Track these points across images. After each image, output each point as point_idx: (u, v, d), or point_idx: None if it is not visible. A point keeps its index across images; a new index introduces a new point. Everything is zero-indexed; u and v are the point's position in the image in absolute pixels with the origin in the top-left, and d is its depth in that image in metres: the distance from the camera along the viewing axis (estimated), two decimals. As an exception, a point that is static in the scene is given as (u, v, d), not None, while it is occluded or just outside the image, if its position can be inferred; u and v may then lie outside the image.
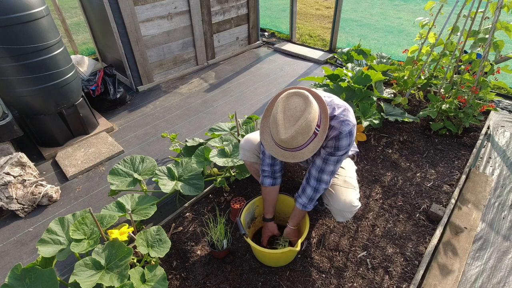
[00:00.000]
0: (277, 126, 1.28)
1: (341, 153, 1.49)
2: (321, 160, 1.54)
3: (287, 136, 1.26)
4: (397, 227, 2.02)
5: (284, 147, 1.33)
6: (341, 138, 1.44)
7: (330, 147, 1.49)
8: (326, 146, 1.51)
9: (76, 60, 3.63)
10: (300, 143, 1.30)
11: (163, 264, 1.84)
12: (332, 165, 1.53)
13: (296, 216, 1.72)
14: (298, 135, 1.26)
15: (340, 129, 1.42)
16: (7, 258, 1.97)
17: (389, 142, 2.74)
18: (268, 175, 1.73)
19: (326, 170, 1.55)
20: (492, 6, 2.48)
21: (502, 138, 2.76)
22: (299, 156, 1.35)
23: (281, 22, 5.79)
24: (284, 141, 1.27)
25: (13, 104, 2.52)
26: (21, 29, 2.19)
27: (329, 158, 1.51)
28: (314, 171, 1.58)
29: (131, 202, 1.93)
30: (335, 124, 1.44)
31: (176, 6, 3.56)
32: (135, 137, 2.97)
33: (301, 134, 1.26)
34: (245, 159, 1.88)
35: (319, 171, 1.56)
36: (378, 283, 1.72)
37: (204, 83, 3.87)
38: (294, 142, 1.28)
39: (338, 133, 1.43)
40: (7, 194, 2.13)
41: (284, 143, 1.29)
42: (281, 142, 1.30)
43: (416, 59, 3.05)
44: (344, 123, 1.42)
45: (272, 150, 1.41)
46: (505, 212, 2.12)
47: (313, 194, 1.61)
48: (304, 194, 1.64)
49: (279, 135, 1.27)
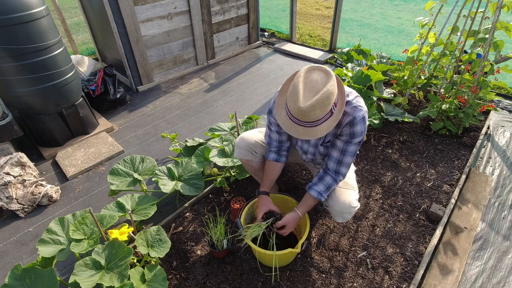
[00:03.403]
0: (297, 95, 1.25)
1: (357, 140, 1.48)
2: (339, 151, 1.53)
3: (306, 105, 1.23)
4: (397, 227, 2.02)
5: (300, 121, 1.30)
6: (355, 123, 1.44)
7: (345, 135, 1.49)
8: (341, 135, 1.51)
9: (76, 60, 3.63)
10: (317, 117, 1.27)
11: (163, 264, 1.84)
12: (350, 156, 1.53)
13: (307, 204, 1.63)
14: (317, 107, 1.24)
15: (354, 115, 1.43)
16: (7, 258, 1.97)
17: (389, 142, 2.74)
18: (274, 151, 1.75)
19: (344, 161, 1.54)
20: (492, 6, 2.48)
21: (502, 138, 2.76)
22: (313, 133, 1.32)
23: (281, 22, 5.79)
24: (302, 110, 1.25)
25: (13, 104, 2.52)
26: (21, 29, 2.19)
27: (347, 148, 1.51)
28: (332, 164, 1.57)
29: (131, 202, 1.93)
30: (349, 110, 1.44)
31: (176, 6, 3.56)
32: (135, 137, 2.97)
33: (319, 107, 1.25)
34: (241, 157, 1.88)
35: (337, 163, 1.55)
36: (378, 283, 1.72)
37: (204, 83, 3.87)
38: (311, 114, 1.26)
39: (352, 119, 1.44)
40: (7, 194, 2.13)
41: (301, 115, 1.26)
42: (298, 113, 1.27)
43: (416, 59, 3.05)
44: (357, 109, 1.44)
45: (286, 125, 1.37)
46: (505, 212, 2.12)
47: (331, 183, 1.58)
48: (321, 182, 1.60)
49: (298, 104, 1.24)
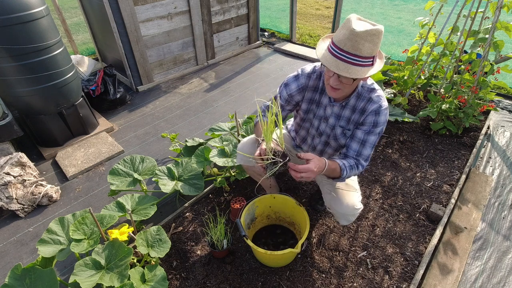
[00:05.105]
0: (350, 23, 1.23)
1: (378, 130, 1.47)
2: (358, 142, 1.50)
3: (360, 30, 1.20)
4: (397, 227, 2.02)
5: (345, 52, 1.25)
6: (380, 112, 1.44)
7: (368, 124, 1.47)
8: (363, 124, 1.49)
9: (76, 60, 3.63)
10: (365, 50, 1.24)
11: (163, 264, 1.84)
12: (370, 147, 1.50)
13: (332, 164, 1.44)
14: (368, 38, 1.21)
15: (380, 103, 1.43)
16: (7, 258, 1.97)
17: (389, 142, 2.74)
18: None
19: (363, 154, 1.51)
20: (492, 6, 2.48)
21: (502, 138, 2.76)
22: (353, 71, 1.27)
23: (281, 22, 5.79)
24: (355, 33, 1.20)
25: (13, 104, 2.52)
26: (21, 29, 2.19)
27: (368, 138, 1.48)
28: (352, 152, 1.52)
29: (131, 202, 1.93)
30: (375, 98, 1.44)
31: (176, 6, 3.56)
32: (135, 137, 2.97)
33: (370, 39, 1.22)
34: (243, 163, 1.87)
35: (357, 154, 1.52)
36: (378, 283, 1.72)
37: (204, 83, 3.87)
38: (360, 44, 1.22)
39: (378, 107, 1.43)
40: (7, 194, 2.13)
41: (351, 40, 1.22)
42: (349, 38, 1.23)
43: (416, 59, 3.04)
44: (383, 98, 1.45)
45: (327, 59, 1.31)
46: (505, 212, 2.12)
47: (354, 165, 1.51)
48: (345, 159, 1.52)
49: (352, 26, 1.21)
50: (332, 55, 1.30)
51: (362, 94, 1.48)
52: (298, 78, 1.58)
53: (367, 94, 1.47)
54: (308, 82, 1.57)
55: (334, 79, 1.35)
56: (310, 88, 1.59)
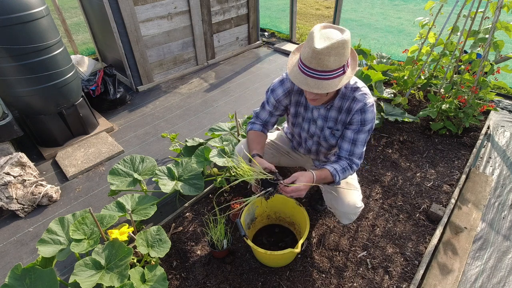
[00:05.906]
0: (313, 40, 1.22)
1: (367, 128, 1.48)
2: (349, 142, 1.51)
3: (322, 47, 1.20)
4: (397, 227, 2.02)
5: (312, 70, 1.26)
6: (366, 110, 1.44)
7: (355, 123, 1.48)
8: (351, 123, 1.49)
9: (76, 60, 3.63)
10: (331, 65, 1.24)
11: (163, 264, 1.84)
12: (361, 145, 1.51)
13: (322, 173, 1.48)
14: (332, 52, 1.21)
15: (364, 101, 1.43)
16: (7, 258, 1.97)
17: (389, 142, 2.74)
18: (260, 123, 1.73)
19: (355, 153, 1.51)
20: (492, 6, 2.48)
21: (502, 138, 2.76)
22: (323, 87, 1.28)
23: (281, 22, 5.79)
24: (317, 52, 1.21)
25: (13, 104, 2.52)
26: (21, 29, 2.19)
27: (357, 137, 1.49)
28: (344, 153, 1.53)
29: (131, 202, 1.93)
30: (359, 97, 1.44)
31: (176, 6, 3.56)
32: (135, 137, 2.97)
33: (334, 53, 1.22)
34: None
35: (349, 154, 1.53)
36: (378, 283, 1.72)
37: (204, 83, 3.87)
38: (325, 60, 1.22)
39: (363, 105, 1.43)
40: (7, 194, 2.13)
41: (315, 59, 1.23)
42: (312, 57, 1.23)
43: (416, 59, 3.05)
44: (367, 96, 1.45)
45: (297, 78, 1.33)
46: (505, 212, 2.12)
47: (346, 166, 1.51)
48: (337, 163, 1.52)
49: (314, 45, 1.21)
50: (301, 72, 1.32)
51: (346, 94, 1.49)
52: (284, 82, 1.60)
53: (351, 94, 1.47)
54: (293, 86, 1.59)
55: (309, 93, 1.37)
56: (296, 91, 1.61)
